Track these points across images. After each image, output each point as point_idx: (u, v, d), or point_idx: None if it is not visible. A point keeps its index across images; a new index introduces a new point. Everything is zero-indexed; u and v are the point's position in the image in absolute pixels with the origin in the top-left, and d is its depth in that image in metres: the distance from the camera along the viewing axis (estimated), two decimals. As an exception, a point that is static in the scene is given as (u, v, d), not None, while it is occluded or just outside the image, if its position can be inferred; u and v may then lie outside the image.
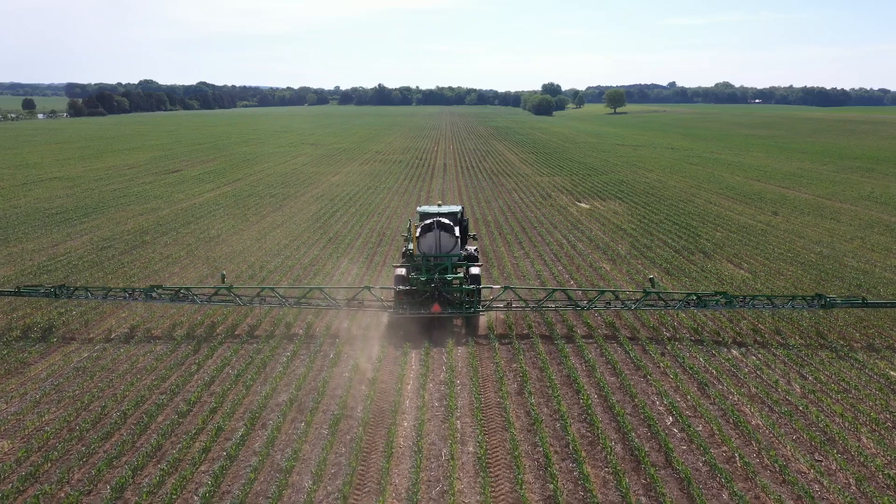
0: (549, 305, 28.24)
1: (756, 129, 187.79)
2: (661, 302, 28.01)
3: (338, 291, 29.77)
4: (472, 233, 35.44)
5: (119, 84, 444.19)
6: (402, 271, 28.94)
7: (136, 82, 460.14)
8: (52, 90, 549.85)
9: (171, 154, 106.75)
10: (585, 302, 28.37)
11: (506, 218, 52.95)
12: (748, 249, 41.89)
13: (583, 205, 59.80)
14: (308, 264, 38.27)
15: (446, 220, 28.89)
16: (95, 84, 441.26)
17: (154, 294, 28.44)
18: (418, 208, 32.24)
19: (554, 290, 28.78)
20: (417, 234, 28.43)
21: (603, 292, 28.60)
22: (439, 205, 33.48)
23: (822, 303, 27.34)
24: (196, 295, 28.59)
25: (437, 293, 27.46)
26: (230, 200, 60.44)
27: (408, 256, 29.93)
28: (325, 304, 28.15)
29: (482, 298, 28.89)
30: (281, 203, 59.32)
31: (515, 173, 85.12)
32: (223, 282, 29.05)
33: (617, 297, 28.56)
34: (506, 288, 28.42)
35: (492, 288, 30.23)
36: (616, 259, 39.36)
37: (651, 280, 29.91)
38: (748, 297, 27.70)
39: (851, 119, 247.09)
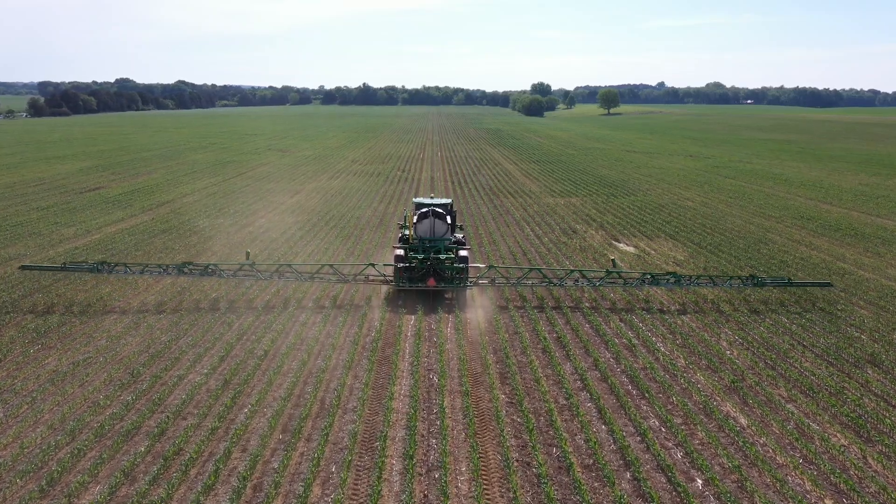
0: (527, 282, 32.21)
1: (770, 133, 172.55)
2: (621, 280, 31.93)
3: (345, 267, 33.79)
4: (459, 223, 39.44)
5: (94, 82, 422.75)
6: (401, 252, 32.16)
7: (112, 81, 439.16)
8: (26, 89, 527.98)
9: (105, 164, 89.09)
10: (557, 280, 32.21)
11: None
12: (935, 349, 25.61)
13: (624, 247, 43.36)
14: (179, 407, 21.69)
15: (440, 210, 32.93)
16: (70, 83, 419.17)
17: (186, 269, 31.48)
18: (414, 199, 37.56)
19: (531, 269, 32.91)
20: (415, 221, 32.93)
21: (571, 272, 32.47)
22: (432, 197, 40.34)
23: (755, 282, 31.54)
24: (223, 270, 31.75)
25: (432, 270, 31.38)
26: (132, 240, 43.19)
27: (404, 240, 33.48)
28: (336, 279, 31.75)
29: (469, 276, 32.31)
30: (202, 245, 42.18)
31: (520, 191, 68.64)
32: (247, 258, 33.48)
33: (583, 276, 32.08)
34: (490, 267, 32.72)
35: (478, 267, 34.15)
36: (751, 399, 22.88)
37: (613, 261, 34.71)
38: (693, 276, 31.90)
39: (868, 122, 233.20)
